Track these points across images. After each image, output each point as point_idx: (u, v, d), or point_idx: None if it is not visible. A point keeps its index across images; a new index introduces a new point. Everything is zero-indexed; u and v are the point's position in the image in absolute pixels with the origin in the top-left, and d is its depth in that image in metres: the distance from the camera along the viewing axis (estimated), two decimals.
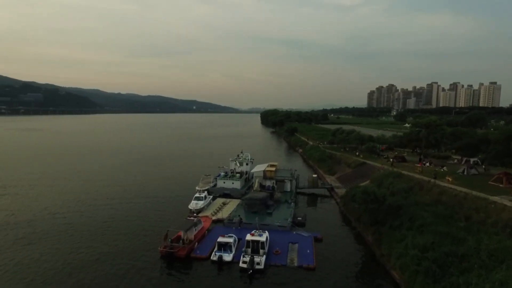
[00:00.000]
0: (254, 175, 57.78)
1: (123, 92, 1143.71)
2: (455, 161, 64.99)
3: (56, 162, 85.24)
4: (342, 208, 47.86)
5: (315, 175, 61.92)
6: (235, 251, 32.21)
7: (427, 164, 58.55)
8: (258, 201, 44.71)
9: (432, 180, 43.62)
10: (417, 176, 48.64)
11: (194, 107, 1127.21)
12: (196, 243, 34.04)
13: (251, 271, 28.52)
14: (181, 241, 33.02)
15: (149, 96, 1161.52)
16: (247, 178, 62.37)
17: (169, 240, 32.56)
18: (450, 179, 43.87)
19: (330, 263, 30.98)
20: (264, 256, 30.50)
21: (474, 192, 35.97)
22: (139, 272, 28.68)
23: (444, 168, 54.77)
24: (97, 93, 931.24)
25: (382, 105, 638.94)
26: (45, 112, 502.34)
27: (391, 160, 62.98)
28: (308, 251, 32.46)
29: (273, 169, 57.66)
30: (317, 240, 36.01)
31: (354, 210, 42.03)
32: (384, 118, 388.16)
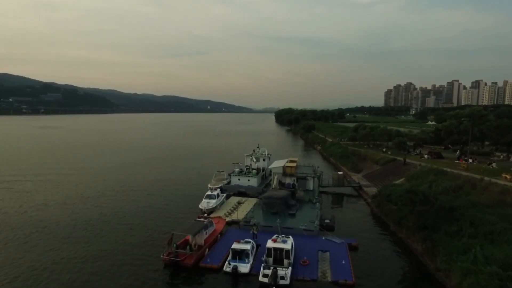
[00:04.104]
0: (272, 171, 51.87)
1: (139, 92, 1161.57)
2: (501, 157, 57.33)
3: (73, 157, 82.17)
4: (375, 210, 41.38)
5: (340, 172, 55.50)
6: (253, 260, 26.58)
7: (470, 160, 51.19)
8: (279, 200, 38.69)
9: None
10: (464, 173, 41.70)
11: (209, 107, 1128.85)
12: (207, 250, 28.57)
13: (274, 287, 22.79)
14: (188, 247, 27.55)
15: (164, 96, 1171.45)
16: (264, 175, 56.70)
17: (174, 245, 27.06)
18: (508, 177, 36.85)
19: (371, 278, 24.76)
20: (290, 268, 24.64)
21: None
22: (136, 284, 23.42)
23: (493, 164, 47.44)
24: (114, 93, 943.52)
25: (399, 104, 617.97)
26: (64, 112, 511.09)
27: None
28: (344, 262, 26.37)
29: (294, 165, 51.39)
30: (352, 248, 29.83)
31: (391, 212, 35.72)
32: (403, 117, 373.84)
